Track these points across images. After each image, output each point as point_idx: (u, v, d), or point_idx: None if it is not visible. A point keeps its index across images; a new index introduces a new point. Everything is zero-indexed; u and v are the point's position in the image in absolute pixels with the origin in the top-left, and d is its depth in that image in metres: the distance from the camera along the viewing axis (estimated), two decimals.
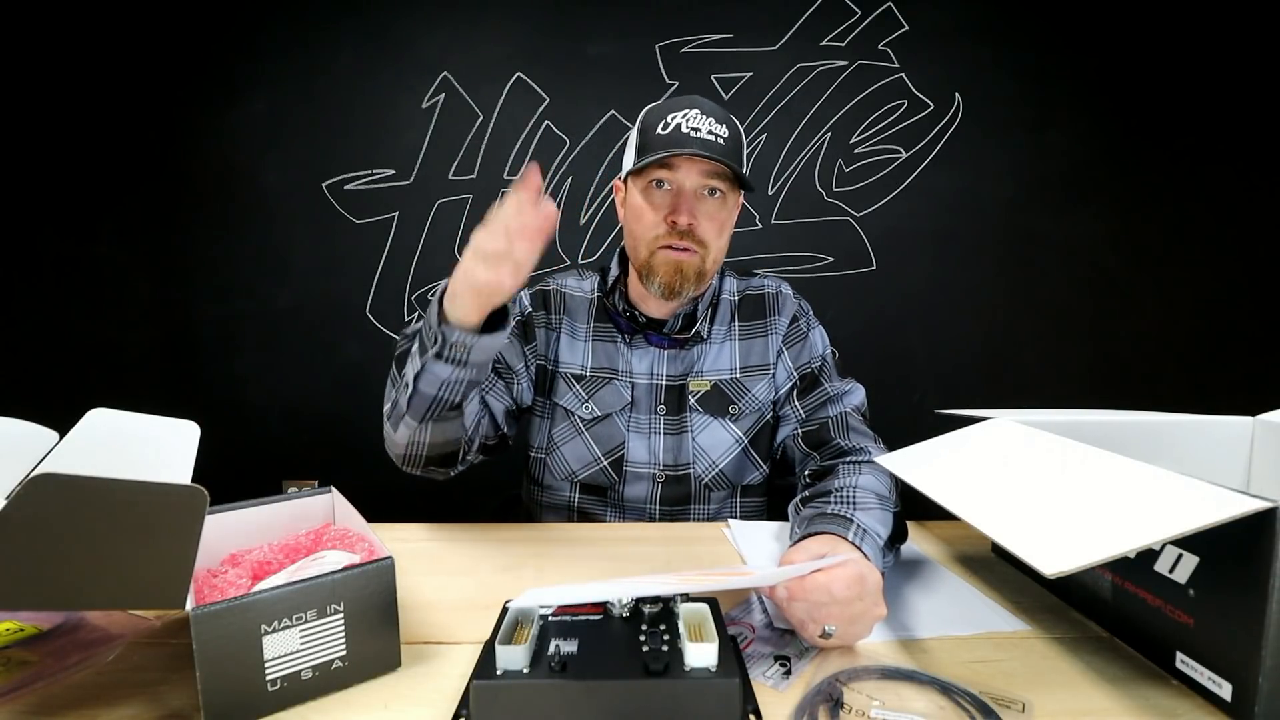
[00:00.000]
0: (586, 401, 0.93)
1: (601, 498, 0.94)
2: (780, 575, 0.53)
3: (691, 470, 0.92)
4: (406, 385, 0.68)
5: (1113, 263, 1.82)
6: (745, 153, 0.88)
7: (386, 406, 0.75)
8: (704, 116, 0.82)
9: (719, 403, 0.92)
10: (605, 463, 0.92)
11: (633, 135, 0.88)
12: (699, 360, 0.93)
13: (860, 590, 0.53)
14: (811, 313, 0.97)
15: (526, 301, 0.97)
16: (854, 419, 0.86)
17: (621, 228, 0.92)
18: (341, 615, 0.48)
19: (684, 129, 0.81)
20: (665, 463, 0.92)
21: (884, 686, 0.49)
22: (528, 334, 0.95)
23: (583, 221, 1.82)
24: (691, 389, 0.92)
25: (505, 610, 0.50)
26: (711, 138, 0.81)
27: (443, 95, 1.78)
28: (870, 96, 1.78)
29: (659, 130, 0.82)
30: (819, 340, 0.94)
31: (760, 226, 1.81)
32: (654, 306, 0.92)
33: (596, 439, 0.93)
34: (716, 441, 0.92)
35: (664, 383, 0.93)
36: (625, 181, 0.90)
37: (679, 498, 0.93)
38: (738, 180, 0.84)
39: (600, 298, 0.96)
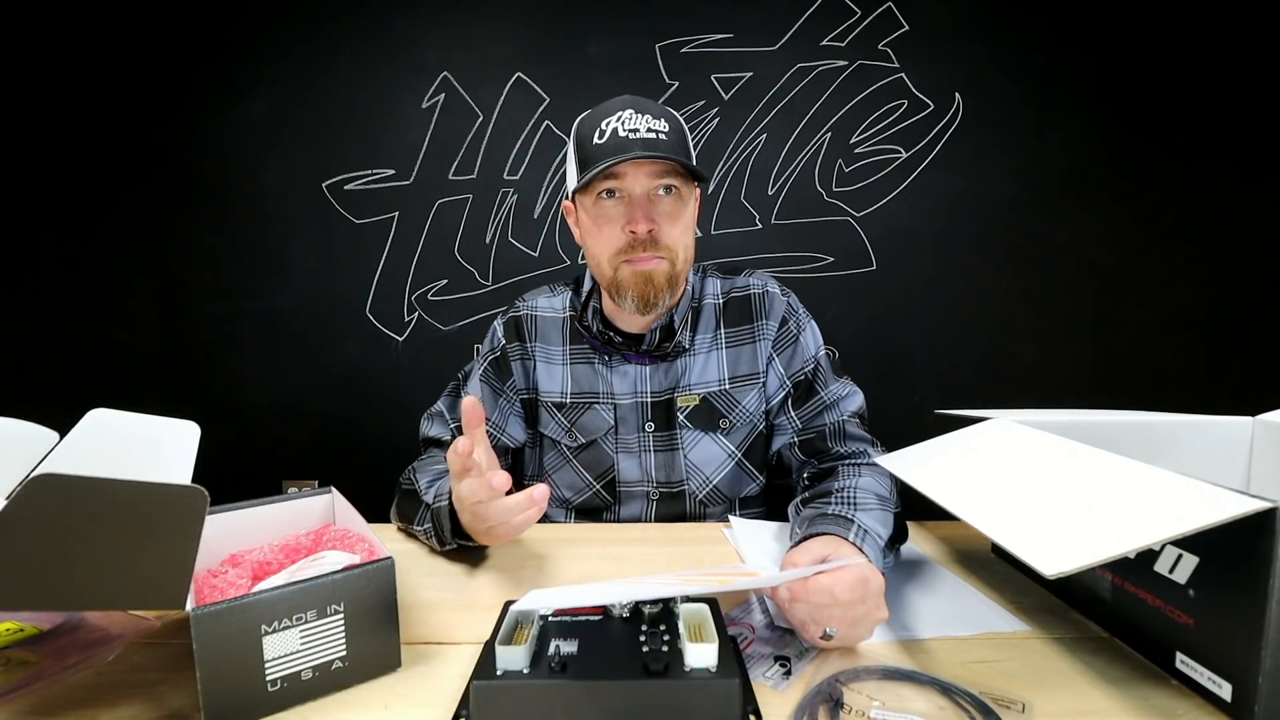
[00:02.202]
0: (570, 430, 0.91)
1: (597, 520, 0.93)
2: (783, 577, 0.53)
3: (685, 487, 0.90)
4: (418, 538, 0.79)
5: (1113, 263, 1.82)
6: (691, 142, 0.84)
7: (394, 516, 0.85)
8: (639, 115, 0.77)
9: (709, 417, 0.89)
10: (598, 486, 0.91)
11: (570, 151, 0.83)
12: (685, 373, 0.89)
13: (863, 593, 0.53)
14: (802, 310, 0.92)
15: (500, 335, 0.93)
16: (851, 425, 0.85)
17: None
18: (341, 615, 0.48)
19: (621, 132, 0.76)
20: (658, 479, 0.90)
21: (884, 687, 0.49)
22: (502, 372, 0.92)
23: None
24: (680, 404, 0.89)
25: (505, 610, 0.50)
26: (653, 135, 0.76)
27: (443, 95, 1.77)
28: (870, 96, 1.78)
29: (596, 140, 0.77)
30: (811, 342, 0.90)
31: (760, 226, 1.81)
32: (629, 322, 0.88)
33: (585, 465, 0.91)
34: (709, 457, 0.90)
35: (649, 400, 0.89)
36: (574, 200, 0.85)
37: (674, 515, 0.91)
38: (690, 173, 0.79)
39: (572, 317, 0.92)
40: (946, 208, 1.81)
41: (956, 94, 1.77)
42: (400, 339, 1.85)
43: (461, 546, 0.72)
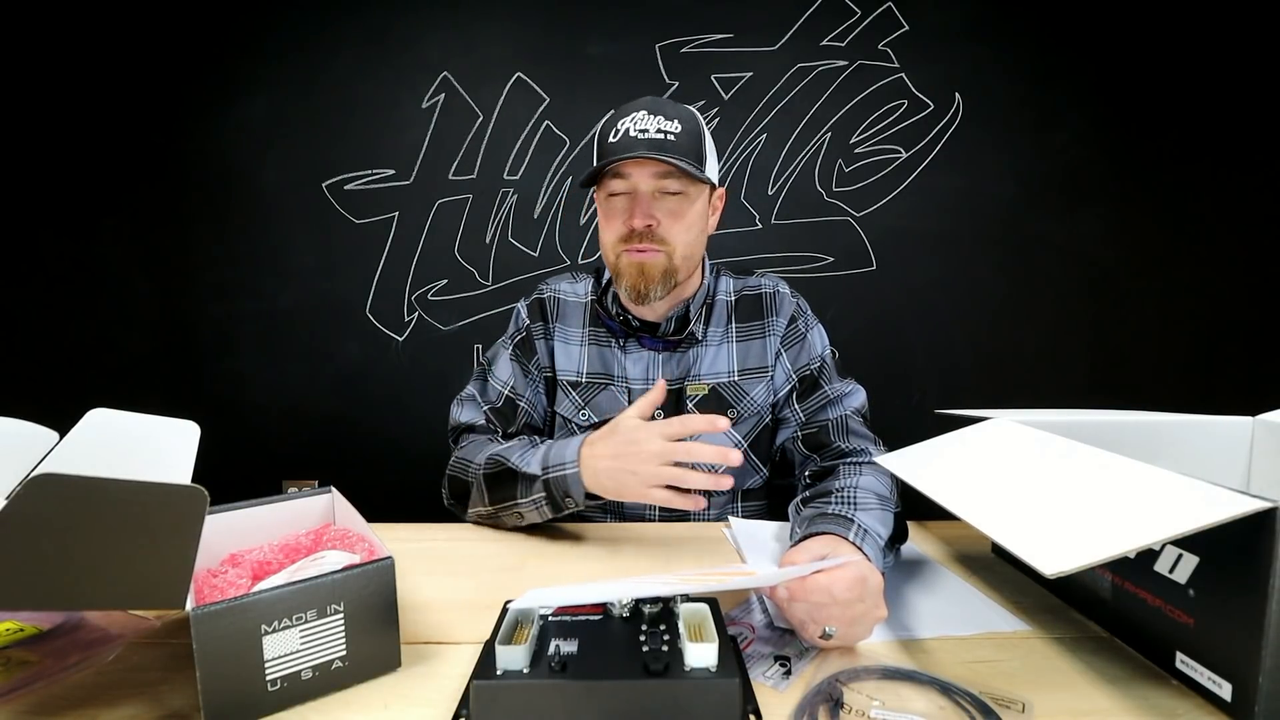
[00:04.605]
0: (583, 408, 0.93)
1: (601, 500, 0.94)
2: (781, 576, 0.53)
3: None
4: (518, 515, 0.79)
5: (1113, 263, 1.82)
6: (706, 143, 0.85)
7: (472, 510, 0.84)
8: (652, 116, 0.80)
9: (717, 407, 0.91)
10: None
11: (594, 147, 0.88)
12: (696, 363, 0.92)
13: (861, 592, 0.53)
14: (810, 312, 0.95)
15: (524, 315, 0.96)
16: (854, 421, 0.86)
17: None
18: (341, 615, 0.48)
19: (632, 133, 0.80)
20: None
21: (884, 686, 0.49)
22: (528, 350, 0.95)
23: (583, 222, 1.82)
24: (689, 393, 0.91)
25: (505, 610, 0.50)
26: (661, 136, 0.79)
27: (443, 95, 1.77)
28: (870, 96, 1.78)
29: (611, 139, 0.81)
30: (818, 340, 0.93)
31: (760, 226, 1.81)
32: (646, 310, 0.91)
33: None
34: None
35: None
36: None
37: None
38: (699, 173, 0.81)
39: (594, 301, 0.95)
40: (946, 208, 1.81)
41: (956, 94, 1.77)
42: (400, 339, 1.85)
43: (549, 521, 0.79)
